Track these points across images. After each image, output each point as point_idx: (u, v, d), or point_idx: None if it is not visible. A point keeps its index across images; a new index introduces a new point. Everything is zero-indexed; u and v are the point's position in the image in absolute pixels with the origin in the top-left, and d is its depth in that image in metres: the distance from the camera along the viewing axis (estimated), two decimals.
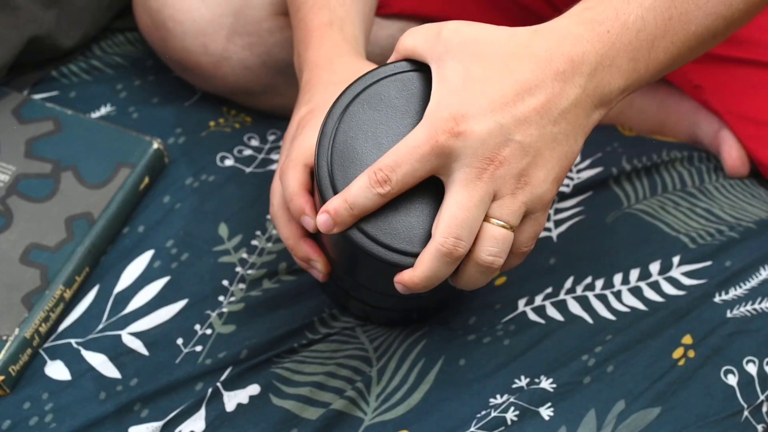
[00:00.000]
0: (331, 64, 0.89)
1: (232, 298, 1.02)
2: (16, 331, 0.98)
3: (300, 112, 0.90)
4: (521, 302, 1.00)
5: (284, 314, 0.99)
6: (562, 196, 1.07)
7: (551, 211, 1.06)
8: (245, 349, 0.98)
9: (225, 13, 1.10)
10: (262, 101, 1.15)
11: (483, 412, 0.94)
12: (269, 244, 1.05)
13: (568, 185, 1.08)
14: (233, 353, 0.98)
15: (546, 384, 0.95)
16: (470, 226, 0.74)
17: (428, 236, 0.77)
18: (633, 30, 0.74)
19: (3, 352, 0.97)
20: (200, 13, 1.10)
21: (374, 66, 0.84)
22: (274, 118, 1.16)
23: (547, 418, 0.93)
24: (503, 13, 1.12)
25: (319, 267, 0.88)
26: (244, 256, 1.05)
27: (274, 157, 1.12)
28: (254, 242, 1.06)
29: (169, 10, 1.10)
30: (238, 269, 1.04)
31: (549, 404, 0.94)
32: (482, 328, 0.98)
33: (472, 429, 0.93)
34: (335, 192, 0.78)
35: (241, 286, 1.03)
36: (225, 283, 1.03)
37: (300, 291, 1.02)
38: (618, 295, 1.00)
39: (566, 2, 1.09)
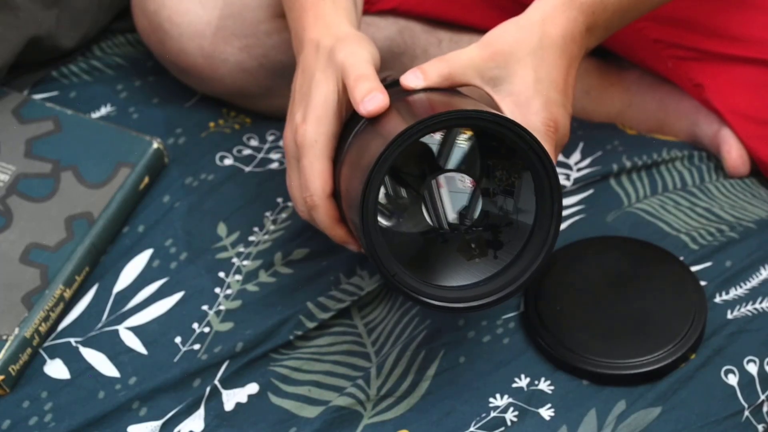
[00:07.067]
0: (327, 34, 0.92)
1: (228, 290, 1.02)
2: (16, 330, 0.98)
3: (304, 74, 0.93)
4: (522, 300, 1.00)
5: (281, 309, 0.99)
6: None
7: None
8: (241, 341, 0.98)
9: (222, 15, 1.10)
10: (260, 104, 1.15)
11: (482, 414, 0.93)
12: (265, 237, 1.05)
13: (568, 184, 1.08)
14: (229, 347, 0.98)
15: (546, 384, 0.95)
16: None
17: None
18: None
19: (3, 351, 0.97)
20: (197, 15, 1.10)
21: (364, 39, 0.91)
22: (274, 120, 1.16)
23: (547, 418, 0.93)
24: (502, 12, 1.12)
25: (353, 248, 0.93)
26: (241, 250, 1.05)
27: (273, 156, 1.12)
28: (251, 238, 1.06)
29: (166, 12, 1.10)
30: (234, 260, 1.04)
31: (549, 404, 0.94)
32: (482, 322, 0.98)
33: (471, 429, 0.93)
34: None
35: (237, 277, 1.03)
36: (221, 275, 1.03)
37: (296, 284, 1.02)
38: None
39: None
